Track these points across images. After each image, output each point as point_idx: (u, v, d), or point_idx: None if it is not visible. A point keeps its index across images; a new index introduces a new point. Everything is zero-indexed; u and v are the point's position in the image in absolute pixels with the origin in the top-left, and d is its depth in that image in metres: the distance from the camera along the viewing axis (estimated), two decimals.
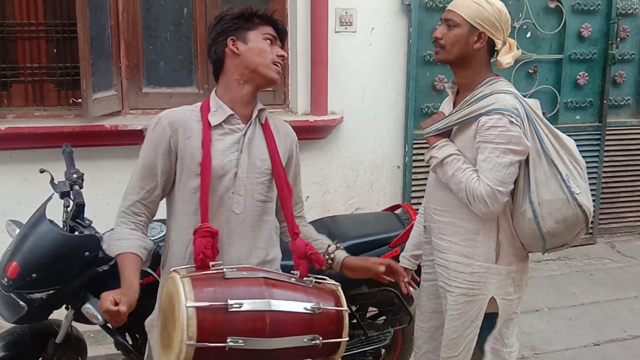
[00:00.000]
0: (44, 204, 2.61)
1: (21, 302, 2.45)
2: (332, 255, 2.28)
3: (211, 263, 1.89)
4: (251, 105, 2.15)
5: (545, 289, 4.59)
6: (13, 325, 2.67)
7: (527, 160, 2.22)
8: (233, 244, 2.07)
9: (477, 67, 2.29)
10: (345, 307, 1.99)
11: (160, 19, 4.23)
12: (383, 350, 3.26)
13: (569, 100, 5.27)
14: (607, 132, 5.42)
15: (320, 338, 1.89)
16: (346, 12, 4.44)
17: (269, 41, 2.10)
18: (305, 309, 1.88)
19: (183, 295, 1.74)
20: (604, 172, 5.42)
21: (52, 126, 3.82)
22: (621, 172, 5.53)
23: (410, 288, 2.62)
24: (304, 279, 1.99)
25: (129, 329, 2.77)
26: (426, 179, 4.84)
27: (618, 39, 5.23)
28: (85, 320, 2.61)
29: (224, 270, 1.86)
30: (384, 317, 3.23)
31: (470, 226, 2.30)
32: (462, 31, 2.24)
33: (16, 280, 2.43)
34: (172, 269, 1.90)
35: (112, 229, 2.10)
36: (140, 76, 4.22)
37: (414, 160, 4.81)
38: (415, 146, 4.78)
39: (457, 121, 2.27)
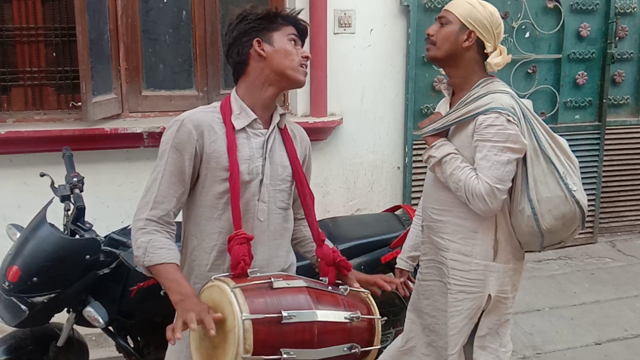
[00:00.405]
0: (44, 208, 2.61)
1: (22, 306, 2.45)
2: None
3: (249, 270, 1.87)
4: (271, 109, 2.11)
5: (547, 288, 4.59)
6: (14, 329, 2.67)
7: (524, 159, 2.25)
8: (256, 252, 2.00)
9: (468, 67, 2.33)
10: (377, 315, 2.03)
11: (159, 22, 4.24)
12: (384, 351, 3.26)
13: (568, 100, 5.27)
14: (607, 132, 5.42)
15: (359, 347, 1.92)
16: (345, 14, 4.44)
17: (293, 42, 2.06)
18: (345, 318, 1.89)
19: (237, 307, 1.70)
20: (604, 171, 5.42)
21: (52, 130, 3.82)
22: (621, 171, 5.53)
23: (407, 290, 2.64)
24: (340, 287, 2.01)
25: (130, 332, 2.77)
26: None
27: (617, 38, 5.23)
28: (86, 323, 2.62)
29: (272, 280, 1.83)
30: (385, 318, 3.22)
31: (469, 224, 2.33)
32: (453, 28, 2.29)
33: (17, 284, 2.44)
34: (213, 278, 1.86)
35: (145, 237, 1.94)
36: (140, 79, 4.22)
37: (414, 161, 4.81)
38: (415, 147, 4.78)
39: (455, 121, 2.30)
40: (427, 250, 2.52)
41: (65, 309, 2.65)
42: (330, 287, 1.98)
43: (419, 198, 4.77)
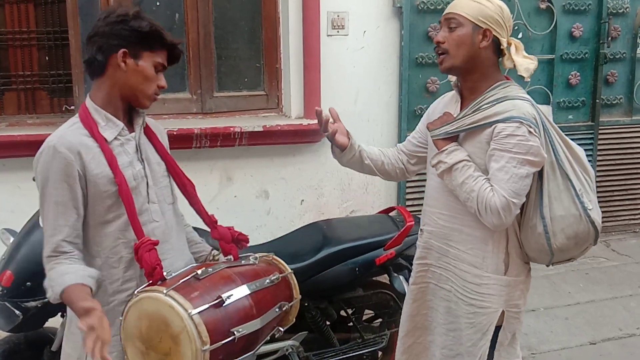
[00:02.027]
0: (37, 212, 2.60)
1: (16, 311, 2.44)
2: (216, 258, 2.24)
3: (164, 273, 1.88)
4: (127, 112, 2.06)
5: (541, 288, 4.60)
6: (8, 334, 2.66)
7: (540, 173, 2.14)
8: (163, 252, 1.98)
9: (485, 69, 2.19)
10: (289, 270, 2.17)
11: None
12: (379, 353, 3.26)
13: (561, 100, 5.29)
14: (600, 131, 5.43)
15: (287, 303, 2.06)
16: (338, 16, 4.44)
17: (157, 70, 1.99)
18: (269, 282, 2.02)
19: (180, 307, 1.73)
20: (598, 171, 5.43)
21: (45, 134, 3.71)
22: (615, 171, 5.55)
23: (407, 288, 2.59)
24: (249, 258, 2.10)
25: None
26: (420, 181, 4.87)
27: (609, 39, 5.25)
28: None
29: (196, 272, 1.88)
30: (380, 320, 3.23)
31: (479, 234, 2.22)
32: (466, 31, 2.14)
33: (11, 289, 2.43)
34: (136, 292, 1.84)
35: (48, 275, 1.91)
36: None
37: None
38: None
39: (470, 126, 2.16)
40: (425, 254, 2.42)
41: (59, 314, 2.64)
42: (242, 261, 2.08)
43: (413, 199, 4.84)
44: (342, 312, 3.11)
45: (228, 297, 1.82)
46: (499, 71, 2.24)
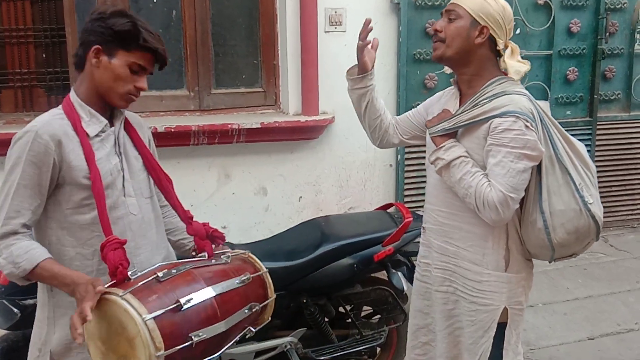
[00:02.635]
0: None
1: (14, 309, 2.44)
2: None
3: (129, 273, 1.83)
4: (108, 107, 2.04)
5: (540, 284, 4.60)
6: (7, 331, 2.66)
7: (539, 167, 2.13)
8: (139, 246, 2.01)
9: (480, 65, 2.19)
10: (264, 269, 2.10)
11: (150, 22, 4.13)
12: (378, 349, 3.27)
13: (559, 96, 5.29)
14: (598, 127, 5.44)
15: (258, 304, 2.01)
16: (335, 12, 4.44)
17: (133, 72, 1.95)
18: (238, 283, 1.96)
19: (134, 312, 1.68)
20: (596, 167, 5.40)
21: None
22: (613, 166, 5.55)
23: (406, 284, 2.59)
24: (221, 256, 2.05)
25: None
26: (419, 177, 4.90)
27: (607, 34, 5.25)
28: None
29: (158, 274, 1.82)
30: (378, 316, 3.23)
31: (479, 231, 2.21)
32: (464, 24, 2.15)
33: (9, 287, 2.43)
34: (98, 289, 1.79)
35: (5, 252, 1.86)
36: None
37: (406, 159, 4.82)
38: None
39: (467, 122, 2.15)
40: (426, 253, 2.42)
41: None
42: (213, 260, 2.03)
43: (411, 195, 4.84)
44: (341, 309, 3.11)
45: (187, 301, 1.77)
46: (497, 68, 2.23)
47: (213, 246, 2.11)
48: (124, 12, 1.97)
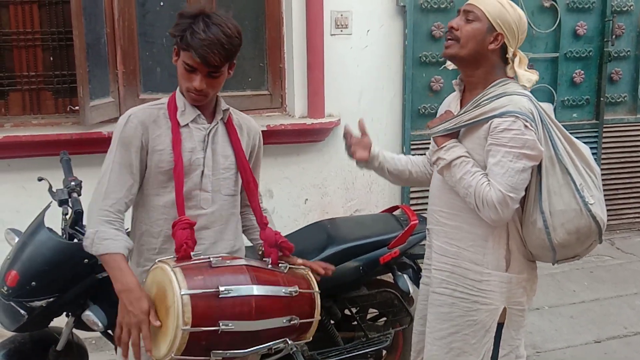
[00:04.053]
0: (42, 212, 2.61)
1: (21, 311, 2.45)
2: None
3: (192, 253, 1.97)
4: (211, 105, 2.20)
5: (546, 287, 4.59)
6: (14, 333, 2.67)
7: (539, 168, 2.13)
8: (200, 237, 2.11)
9: (488, 69, 2.20)
10: (316, 289, 2.17)
11: (156, 25, 4.24)
12: (384, 352, 3.26)
13: (565, 99, 5.29)
14: (605, 130, 5.43)
15: (298, 318, 2.06)
16: (341, 15, 4.45)
17: (187, 71, 2.07)
18: (285, 292, 2.04)
19: (177, 284, 1.82)
20: (602, 169, 5.38)
21: (50, 134, 3.82)
22: (619, 169, 5.54)
23: (412, 287, 2.59)
24: (279, 265, 2.13)
25: None
26: None
27: (613, 37, 5.24)
28: (85, 327, 2.62)
29: (211, 259, 1.95)
30: (384, 319, 3.23)
31: (479, 232, 2.21)
32: (481, 27, 2.15)
33: (16, 289, 2.43)
34: (157, 260, 1.97)
35: (94, 227, 2.06)
36: (137, 82, 4.22)
37: None
38: (412, 147, 4.79)
39: (468, 122, 2.17)
40: (428, 254, 2.42)
41: (64, 313, 2.64)
42: (270, 266, 2.12)
43: (417, 198, 4.84)
44: (347, 311, 3.11)
45: (227, 291, 1.88)
46: (504, 74, 2.23)
47: (281, 255, 2.21)
48: (190, 13, 2.07)
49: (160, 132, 2.11)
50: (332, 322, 3.03)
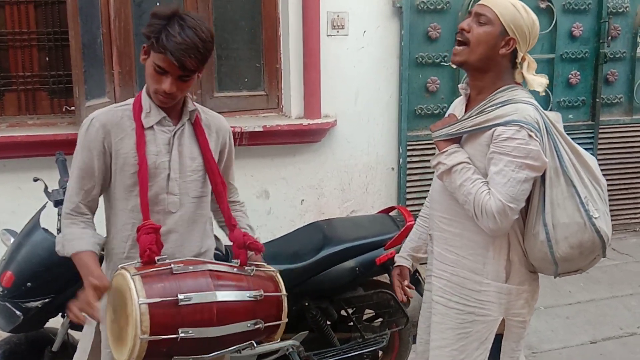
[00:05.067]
0: (37, 213, 2.61)
1: (17, 311, 2.45)
2: None
3: (157, 258, 1.95)
4: (178, 105, 2.14)
5: (542, 287, 4.52)
6: (9, 334, 2.67)
7: (543, 179, 2.06)
8: (168, 241, 2.10)
9: (497, 74, 2.12)
10: (284, 292, 2.14)
11: None
12: (380, 352, 3.26)
13: (561, 100, 5.29)
14: (600, 131, 5.44)
15: (263, 322, 2.04)
16: (338, 16, 4.45)
17: (157, 72, 2.01)
18: (249, 297, 2.02)
19: (135, 293, 1.82)
20: None
21: (46, 134, 3.82)
22: (615, 170, 5.55)
23: (406, 294, 2.56)
24: (245, 267, 2.10)
25: None
26: (421, 180, 4.90)
27: (609, 38, 5.25)
28: (81, 328, 2.61)
29: (172, 266, 1.93)
30: (380, 320, 3.23)
31: (480, 240, 2.14)
32: (493, 31, 2.06)
33: (11, 290, 2.43)
34: (120, 266, 1.95)
35: (63, 230, 2.11)
36: (133, 83, 4.21)
37: (409, 162, 4.82)
38: (409, 148, 4.79)
39: (471, 128, 2.10)
40: (430, 259, 2.35)
41: (60, 314, 2.64)
42: (236, 269, 2.09)
43: (413, 199, 4.84)
44: (343, 312, 3.11)
45: (186, 299, 1.87)
46: (512, 79, 2.16)
47: (252, 255, 2.20)
48: (164, 13, 2.00)
49: (124, 135, 2.08)
50: (328, 322, 3.03)
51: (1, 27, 3.94)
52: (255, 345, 2.07)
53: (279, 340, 2.22)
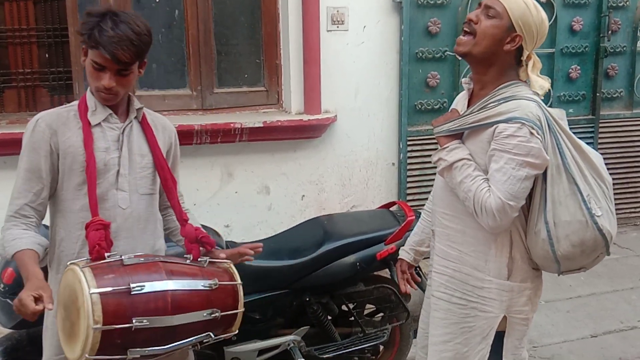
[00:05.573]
0: None
1: None
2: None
3: (106, 254, 1.94)
4: (123, 104, 2.16)
5: (543, 281, 4.60)
6: (10, 330, 2.67)
7: (545, 176, 2.05)
8: (120, 238, 2.09)
9: (500, 70, 2.11)
10: (239, 281, 2.12)
11: (152, 22, 4.20)
12: (381, 347, 3.27)
13: (562, 94, 5.29)
14: (601, 125, 5.44)
15: (219, 311, 2.02)
16: (338, 11, 4.44)
17: (95, 69, 2.03)
18: (203, 286, 2.01)
19: (85, 284, 1.81)
20: None
21: None
22: (615, 164, 5.54)
23: (409, 287, 2.57)
24: (199, 260, 2.10)
25: None
26: (421, 175, 4.90)
27: (609, 32, 5.24)
28: None
29: (122, 257, 1.93)
30: (381, 314, 3.24)
31: (482, 237, 2.14)
32: (501, 25, 2.04)
33: (12, 286, 2.44)
34: (69, 262, 1.94)
35: (3, 233, 2.08)
36: None
37: (409, 157, 4.82)
38: (409, 143, 4.79)
39: (472, 125, 2.09)
40: (431, 255, 2.34)
41: None
42: (188, 261, 2.09)
43: (414, 194, 4.84)
44: (344, 307, 3.12)
45: (139, 287, 1.86)
46: (515, 76, 2.14)
47: (204, 251, 2.17)
48: (97, 11, 2.03)
49: (71, 133, 2.07)
50: (329, 317, 3.03)
51: (1, 24, 3.94)
52: (212, 336, 2.05)
53: (236, 331, 2.17)
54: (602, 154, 2.04)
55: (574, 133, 2.19)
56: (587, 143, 2.18)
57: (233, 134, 4.20)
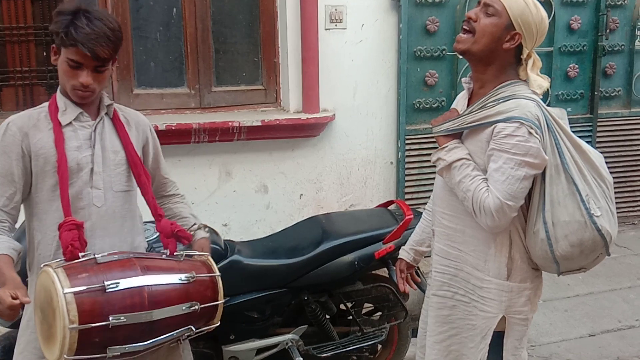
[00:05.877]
0: None
1: None
2: (193, 234, 2.28)
3: (80, 254, 1.92)
4: (96, 101, 2.15)
5: None
6: (9, 329, 2.67)
7: (543, 176, 2.04)
8: (96, 237, 2.09)
9: (500, 68, 2.10)
10: (217, 273, 2.11)
11: (150, 20, 4.23)
12: (379, 346, 3.27)
13: (560, 93, 5.29)
14: (599, 124, 5.44)
15: (199, 304, 2.01)
16: (336, 9, 4.44)
17: (71, 67, 2.02)
18: (180, 279, 2.00)
19: (59, 284, 1.79)
20: None
21: None
22: (613, 163, 5.54)
23: (408, 287, 2.57)
24: (175, 254, 2.10)
25: None
26: (419, 174, 4.90)
27: (608, 31, 5.24)
28: None
29: (96, 256, 1.92)
30: (379, 313, 3.24)
31: (481, 237, 2.14)
32: (500, 23, 2.04)
33: None
34: (42, 264, 1.92)
35: None
36: (131, 77, 4.21)
37: (407, 156, 4.82)
38: (407, 142, 4.79)
39: (471, 124, 2.09)
40: (432, 254, 2.34)
41: None
42: (164, 256, 2.09)
43: (412, 193, 4.84)
44: (342, 306, 3.12)
45: (113, 284, 1.85)
46: (515, 75, 2.13)
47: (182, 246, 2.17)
48: (68, 9, 2.01)
49: (42, 135, 2.06)
50: (327, 316, 3.03)
51: None
52: (194, 329, 2.04)
53: (218, 323, 2.16)
54: (600, 152, 2.04)
55: (572, 131, 2.18)
56: (585, 142, 2.18)
57: (231, 133, 4.19)
